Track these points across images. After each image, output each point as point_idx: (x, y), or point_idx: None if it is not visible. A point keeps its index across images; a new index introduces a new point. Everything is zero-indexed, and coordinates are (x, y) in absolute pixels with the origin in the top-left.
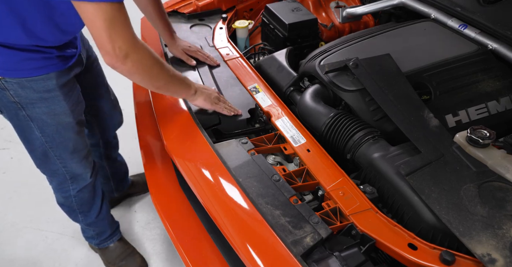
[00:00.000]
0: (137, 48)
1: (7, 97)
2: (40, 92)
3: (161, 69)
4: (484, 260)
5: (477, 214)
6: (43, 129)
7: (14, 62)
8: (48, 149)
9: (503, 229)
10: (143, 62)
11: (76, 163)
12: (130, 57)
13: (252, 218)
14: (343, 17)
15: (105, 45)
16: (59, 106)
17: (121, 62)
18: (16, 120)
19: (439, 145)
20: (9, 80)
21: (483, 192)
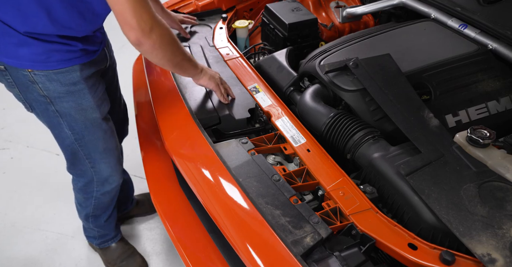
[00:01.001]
0: (160, 22)
1: (37, 91)
2: (67, 85)
3: (179, 45)
4: (484, 260)
5: (477, 214)
6: (72, 126)
7: (41, 53)
8: (78, 148)
9: (503, 229)
10: (166, 37)
11: (106, 163)
12: (155, 30)
13: (252, 218)
14: (343, 17)
15: (129, 20)
16: (85, 100)
17: (147, 36)
18: (47, 116)
19: (439, 145)
20: (38, 73)
21: (483, 192)
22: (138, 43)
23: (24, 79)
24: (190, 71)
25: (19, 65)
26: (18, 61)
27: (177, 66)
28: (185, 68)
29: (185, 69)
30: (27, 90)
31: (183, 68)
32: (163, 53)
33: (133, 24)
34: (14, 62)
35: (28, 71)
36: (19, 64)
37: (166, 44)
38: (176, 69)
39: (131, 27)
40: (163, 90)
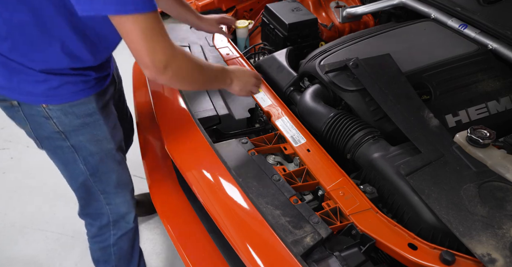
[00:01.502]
0: (176, 57)
1: (51, 127)
2: (82, 117)
3: (200, 72)
4: (484, 260)
5: (477, 214)
6: (88, 160)
7: (55, 87)
8: (92, 183)
9: (503, 229)
10: (182, 70)
11: (121, 198)
12: (170, 67)
13: (252, 218)
14: (343, 17)
15: (143, 59)
16: (101, 131)
17: (162, 73)
18: (61, 153)
19: (439, 145)
20: (53, 107)
21: (483, 192)
22: (153, 79)
23: (38, 116)
24: (218, 86)
25: (34, 101)
26: (33, 97)
27: (201, 88)
28: (211, 87)
29: (212, 87)
30: (40, 127)
31: (208, 88)
32: (181, 84)
33: (147, 64)
34: (28, 98)
35: (42, 107)
36: (34, 100)
37: (184, 76)
38: (201, 89)
39: (146, 66)
40: (163, 90)
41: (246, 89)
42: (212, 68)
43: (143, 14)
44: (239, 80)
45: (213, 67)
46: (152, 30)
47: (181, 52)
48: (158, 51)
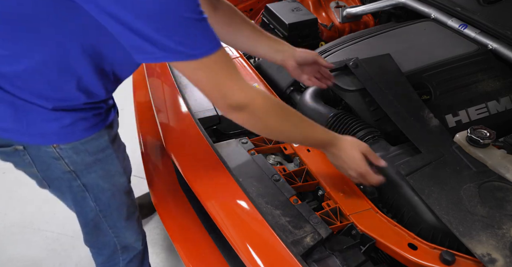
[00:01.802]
0: (251, 98)
1: (62, 167)
2: (95, 153)
3: (281, 120)
4: (484, 260)
5: (477, 214)
6: (98, 197)
7: (68, 125)
8: (102, 219)
9: (503, 229)
10: (256, 113)
11: (130, 229)
12: (244, 110)
13: (252, 218)
14: (343, 17)
15: (217, 102)
16: (113, 166)
17: (235, 115)
18: (69, 193)
19: (439, 144)
20: (64, 147)
21: (483, 192)
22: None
23: (47, 157)
24: (314, 145)
25: (43, 142)
26: (43, 138)
27: (284, 140)
28: (299, 141)
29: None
30: (48, 168)
31: (296, 141)
32: (254, 128)
33: (221, 107)
34: (37, 140)
35: (53, 147)
36: (44, 141)
37: (258, 120)
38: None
39: (219, 107)
40: (163, 90)
41: (344, 169)
42: (302, 121)
43: (210, 56)
44: (344, 160)
45: (307, 122)
46: (221, 72)
47: (257, 93)
48: (230, 95)
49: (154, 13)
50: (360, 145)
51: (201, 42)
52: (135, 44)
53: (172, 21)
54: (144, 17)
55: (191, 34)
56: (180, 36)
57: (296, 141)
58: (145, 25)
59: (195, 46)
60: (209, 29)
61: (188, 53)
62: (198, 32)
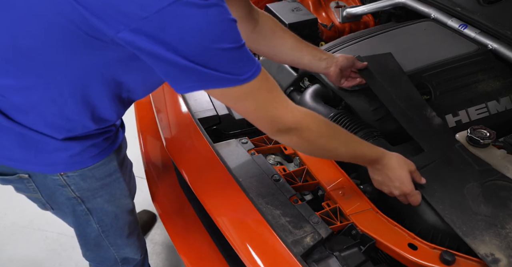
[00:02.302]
0: (297, 122)
1: (66, 194)
2: (102, 178)
3: (329, 139)
4: (487, 260)
5: (480, 213)
6: (102, 219)
7: (77, 153)
8: (103, 239)
9: (506, 229)
10: (306, 135)
11: (131, 245)
12: (292, 132)
13: (252, 218)
14: (343, 17)
15: (264, 128)
16: (119, 189)
17: (283, 138)
18: (72, 216)
19: (442, 143)
20: (71, 174)
21: (486, 191)
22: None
23: (53, 184)
24: (356, 161)
25: (50, 171)
26: (51, 167)
27: (332, 158)
28: (346, 159)
29: (348, 160)
30: (53, 194)
31: (342, 159)
32: (303, 149)
33: (269, 131)
34: (44, 169)
35: (59, 175)
36: (51, 170)
37: (307, 142)
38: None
39: (267, 132)
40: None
41: (387, 186)
42: (351, 140)
43: (255, 79)
44: (385, 173)
45: (354, 140)
46: (268, 94)
47: (304, 115)
48: (277, 121)
49: (197, 49)
50: (408, 164)
51: (244, 68)
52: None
53: (216, 54)
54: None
55: (236, 62)
56: (225, 66)
57: (342, 158)
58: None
59: (239, 73)
60: (249, 54)
61: (236, 79)
62: (241, 59)
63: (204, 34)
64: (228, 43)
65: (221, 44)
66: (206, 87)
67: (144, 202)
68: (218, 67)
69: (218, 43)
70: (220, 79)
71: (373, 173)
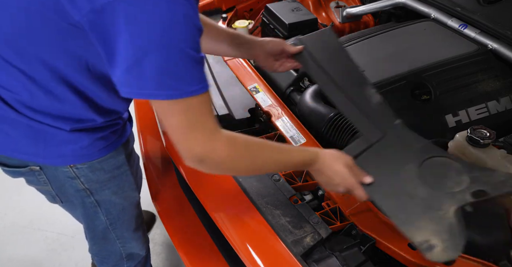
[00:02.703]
0: (216, 151)
1: (76, 186)
2: (111, 171)
3: (250, 160)
4: (422, 248)
5: (417, 196)
6: (110, 212)
7: (86, 146)
8: (110, 231)
9: (442, 210)
10: (221, 165)
11: (137, 240)
12: (206, 162)
13: (252, 218)
14: (343, 17)
15: (178, 148)
16: (128, 182)
17: (196, 165)
18: (81, 208)
19: (381, 123)
20: (80, 166)
21: (423, 171)
22: None
23: (63, 176)
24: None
25: (60, 163)
26: (60, 159)
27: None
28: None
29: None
30: (62, 187)
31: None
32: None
33: (181, 154)
34: (54, 161)
35: (69, 167)
36: (60, 162)
37: (223, 170)
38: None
39: (179, 151)
40: None
41: (331, 185)
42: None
43: (196, 97)
44: (324, 172)
45: (283, 150)
46: (197, 118)
47: (229, 141)
48: (195, 145)
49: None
50: (343, 158)
51: (193, 81)
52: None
53: (173, 54)
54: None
55: (185, 74)
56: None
57: (276, 171)
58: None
59: (191, 83)
60: (202, 70)
61: (183, 91)
62: (193, 71)
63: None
64: (189, 48)
65: (181, 45)
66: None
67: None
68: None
69: (179, 43)
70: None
71: (315, 176)
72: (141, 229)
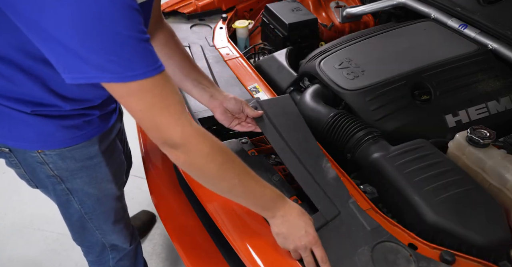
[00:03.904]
0: (185, 137)
1: (45, 172)
2: (82, 160)
3: (222, 167)
4: None
5: None
6: (83, 201)
7: (53, 131)
8: (87, 220)
9: None
10: (194, 154)
11: (117, 233)
12: (179, 149)
13: (252, 218)
14: (343, 17)
15: (151, 134)
16: (101, 173)
17: (170, 154)
18: (54, 195)
19: (337, 200)
20: (48, 153)
21: (376, 255)
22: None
23: (32, 161)
24: (254, 207)
25: (27, 147)
26: (26, 143)
27: (224, 194)
28: (241, 199)
29: (244, 201)
30: (34, 171)
31: (238, 199)
32: (197, 173)
33: (156, 141)
34: (21, 144)
35: (37, 152)
36: (27, 146)
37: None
38: (228, 197)
39: (154, 140)
40: None
41: (293, 238)
42: (250, 175)
43: (146, 80)
44: (287, 226)
45: (254, 177)
46: (158, 100)
47: (198, 131)
48: (167, 128)
49: (86, 26)
50: (308, 215)
51: (138, 63)
52: (62, 61)
53: (106, 36)
54: (73, 30)
55: (126, 54)
56: (114, 54)
57: (239, 195)
58: (74, 39)
59: (130, 67)
60: (149, 51)
61: (121, 75)
62: (136, 52)
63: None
64: (127, 29)
65: (118, 28)
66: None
67: (144, 202)
68: (109, 54)
69: (115, 25)
70: (108, 71)
71: (277, 224)
72: (122, 223)
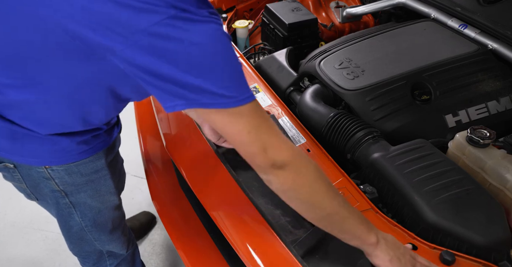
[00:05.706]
0: (293, 156)
1: (51, 187)
2: (88, 174)
3: (325, 191)
4: None
5: None
6: (85, 214)
7: (63, 148)
8: (86, 233)
9: None
10: (300, 176)
11: (115, 241)
12: (287, 169)
13: (252, 218)
14: (343, 17)
15: (254, 159)
16: (105, 186)
17: (277, 176)
18: (55, 209)
19: None
20: (56, 168)
21: None
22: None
23: (37, 176)
24: (352, 234)
25: (35, 163)
26: (35, 159)
27: (322, 221)
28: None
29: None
30: (37, 186)
31: (334, 226)
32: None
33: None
34: (29, 160)
35: (44, 168)
36: (36, 162)
37: (300, 186)
38: (322, 226)
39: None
40: None
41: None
42: (347, 204)
43: (252, 103)
44: (389, 246)
45: (350, 206)
46: (263, 120)
47: (300, 153)
48: (272, 151)
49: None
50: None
51: (245, 87)
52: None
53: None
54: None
55: (237, 79)
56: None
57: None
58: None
59: (241, 91)
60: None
61: (236, 99)
62: (242, 76)
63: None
64: (228, 59)
65: (222, 60)
66: (198, 105)
67: (144, 202)
68: (216, 83)
69: (219, 59)
70: (216, 97)
71: (383, 250)
72: (119, 230)
